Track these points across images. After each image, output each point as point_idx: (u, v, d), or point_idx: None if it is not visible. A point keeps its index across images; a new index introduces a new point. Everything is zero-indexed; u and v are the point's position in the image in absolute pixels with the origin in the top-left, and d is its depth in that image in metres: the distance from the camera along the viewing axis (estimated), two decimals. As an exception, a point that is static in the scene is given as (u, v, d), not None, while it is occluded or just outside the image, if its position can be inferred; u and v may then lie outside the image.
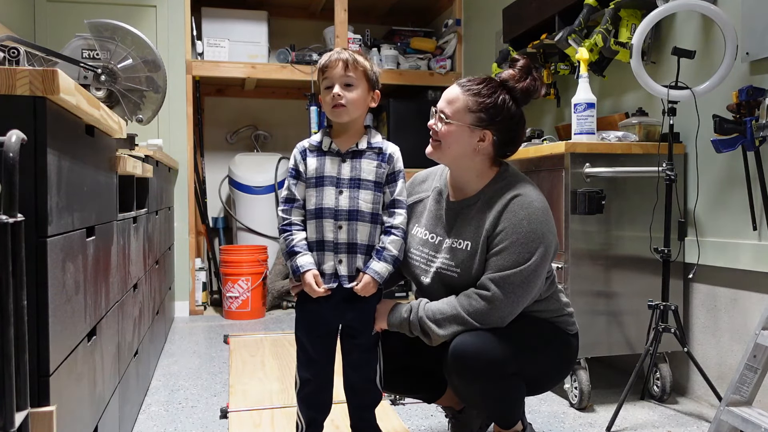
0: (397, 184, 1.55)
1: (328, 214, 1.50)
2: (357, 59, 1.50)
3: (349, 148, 1.53)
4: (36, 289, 1.04)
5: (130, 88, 2.00)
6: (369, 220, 1.51)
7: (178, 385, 2.46)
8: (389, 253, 1.52)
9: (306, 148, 1.56)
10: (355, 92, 1.50)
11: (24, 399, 0.90)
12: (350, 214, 1.50)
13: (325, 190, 1.50)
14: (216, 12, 4.06)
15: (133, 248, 2.02)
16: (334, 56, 1.50)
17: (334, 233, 1.49)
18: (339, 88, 1.48)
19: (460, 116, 1.50)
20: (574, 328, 1.62)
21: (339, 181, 1.51)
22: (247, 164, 4.18)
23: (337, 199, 1.50)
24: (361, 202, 1.50)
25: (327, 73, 1.50)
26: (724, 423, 1.70)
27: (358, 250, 1.51)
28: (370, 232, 1.52)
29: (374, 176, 1.52)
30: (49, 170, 1.06)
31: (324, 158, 1.52)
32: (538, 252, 1.44)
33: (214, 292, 4.22)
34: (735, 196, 2.09)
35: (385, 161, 1.54)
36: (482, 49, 3.88)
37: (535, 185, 1.55)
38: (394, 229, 1.54)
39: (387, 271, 1.52)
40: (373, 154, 1.54)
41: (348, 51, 1.52)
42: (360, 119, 1.55)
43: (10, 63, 1.45)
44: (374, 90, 1.55)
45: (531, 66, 1.54)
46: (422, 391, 1.78)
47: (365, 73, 1.52)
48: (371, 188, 1.52)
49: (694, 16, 2.25)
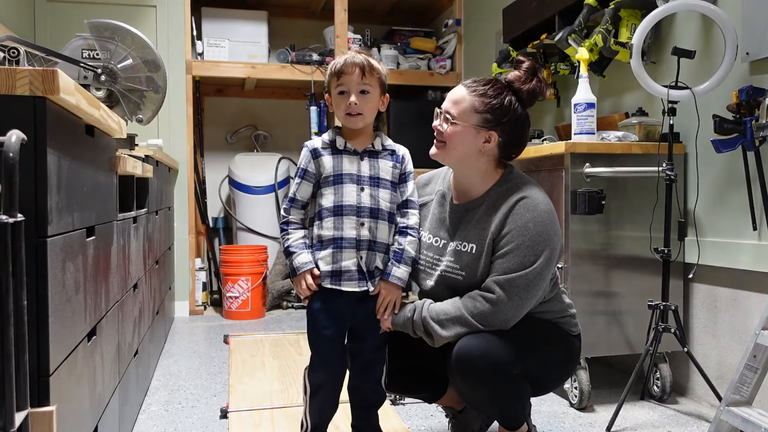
0: (408, 184, 1.57)
1: (349, 211, 1.49)
2: (373, 65, 1.49)
3: (366, 148, 1.53)
4: (36, 289, 1.04)
5: (130, 88, 2.00)
6: (388, 219, 1.53)
7: (178, 385, 2.46)
8: (408, 255, 1.54)
9: (318, 147, 1.53)
10: (371, 100, 1.50)
11: (24, 399, 0.90)
12: (372, 211, 1.50)
13: (345, 187, 1.50)
14: (216, 12, 4.06)
15: (133, 248, 2.02)
16: (350, 61, 1.47)
17: (356, 230, 1.49)
18: (355, 96, 1.47)
19: (466, 117, 1.50)
20: (577, 329, 1.62)
21: (360, 179, 1.51)
22: (247, 164, 4.18)
23: (359, 195, 1.50)
24: (381, 200, 1.51)
25: (342, 79, 1.48)
26: (724, 423, 1.70)
27: (377, 248, 1.51)
28: (389, 231, 1.53)
29: (391, 176, 1.54)
30: (49, 170, 1.06)
31: (341, 156, 1.52)
32: (544, 255, 1.44)
33: (214, 292, 4.22)
34: (735, 196, 2.09)
35: (399, 162, 1.56)
36: (482, 49, 3.88)
37: (540, 187, 1.55)
38: (410, 229, 1.55)
39: (407, 274, 1.54)
40: (388, 155, 1.55)
41: (363, 55, 1.49)
42: (371, 123, 1.55)
43: (10, 63, 1.46)
44: (384, 94, 1.55)
45: (536, 68, 1.54)
46: (423, 391, 1.78)
47: (380, 79, 1.51)
48: (389, 187, 1.53)
49: (694, 16, 2.25)
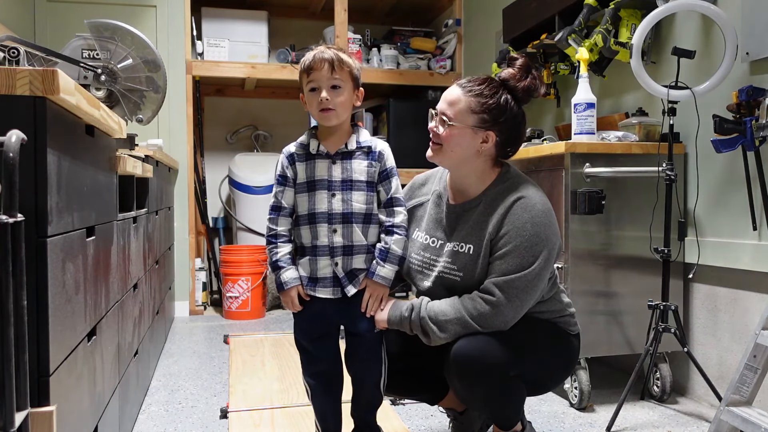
0: (392, 181, 1.52)
1: (321, 219, 1.47)
2: (342, 59, 1.45)
3: (339, 149, 1.49)
4: (36, 289, 1.04)
5: (130, 88, 2.00)
6: (362, 221, 1.49)
7: (178, 385, 2.46)
8: (394, 254, 1.50)
9: (293, 152, 1.51)
10: (342, 95, 1.45)
11: (24, 399, 0.90)
12: (344, 217, 1.47)
13: (317, 195, 1.47)
14: (216, 12, 4.06)
15: (133, 248, 2.02)
16: (319, 56, 1.44)
17: (328, 237, 1.47)
18: (326, 91, 1.44)
19: (462, 118, 1.48)
20: (576, 329, 1.62)
21: (331, 184, 1.47)
22: (247, 164, 4.18)
23: (330, 202, 1.47)
24: (354, 204, 1.48)
25: (312, 75, 1.44)
26: (724, 423, 1.70)
27: (354, 251, 1.49)
28: (365, 232, 1.50)
29: (366, 176, 1.49)
30: (49, 170, 1.06)
31: (314, 162, 1.49)
32: (542, 255, 1.44)
33: (214, 292, 4.22)
34: (735, 196, 2.09)
35: (375, 159, 1.51)
36: (482, 49, 3.88)
37: (537, 186, 1.54)
38: (396, 227, 1.51)
39: (393, 272, 1.51)
40: (363, 154, 1.50)
41: (332, 50, 1.45)
42: (347, 120, 1.51)
43: (10, 63, 1.46)
44: (358, 88, 1.51)
45: (530, 64, 1.53)
46: (424, 392, 1.77)
47: (351, 73, 1.47)
48: (364, 189, 1.49)
49: (694, 16, 2.25)
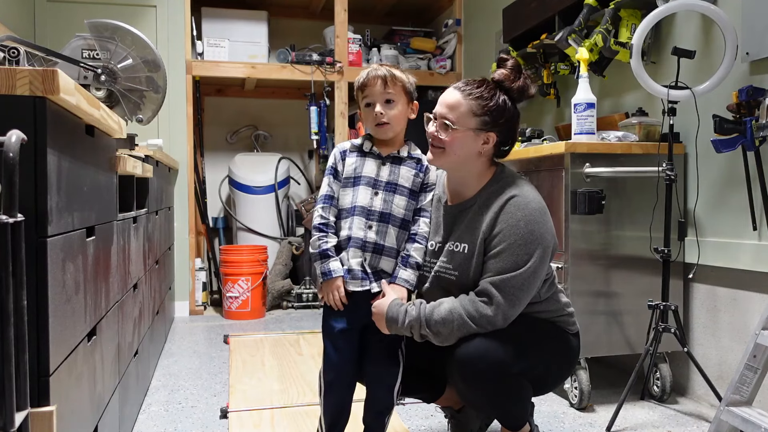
0: (428, 195, 1.60)
1: (360, 212, 1.53)
2: (395, 74, 1.53)
3: (390, 153, 1.57)
4: (36, 289, 1.04)
5: (130, 88, 2.00)
6: (399, 225, 1.55)
7: (178, 385, 2.46)
8: (414, 260, 1.57)
9: (346, 148, 1.60)
10: (396, 108, 1.54)
11: (24, 399, 0.90)
12: (382, 216, 1.53)
13: (360, 189, 1.54)
14: (216, 12, 4.06)
15: (133, 248, 2.02)
16: (372, 73, 1.53)
17: (363, 231, 1.52)
18: (380, 106, 1.52)
19: (464, 121, 1.50)
20: (575, 328, 1.62)
21: (377, 183, 1.55)
22: (247, 164, 4.18)
23: (372, 199, 1.54)
24: (394, 206, 1.54)
25: (366, 91, 1.54)
26: (724, 423, 1.70)
27: (384, 251, 1.54)
28: (399, 237, 1.56)
29: (410, 184, 1.57)
30: (49, 170, 1.06)
31: (364, 159, 1.57)
32: (537, 253, 1.44)
33: (214, 292, 4.22)
34: (735, 196, 2.09)
35: (422, 171, 1.59)
36: (482, 49, 3.88)
37: (531, 185, 1.55)
38: (418, 236, 1.58)
39: (414, 276, 1.57)
40: (413, 162, 1.59)
41: (385, 67, 1.55)
42: (402, 132, 1.59)
43: (10, 63, 1.45)
44: (413, 101, 1.59)
45: (520, 65, 1.57)
46: (421, 391, 1.77)
47: (404, 87, 1.55)
48: (406, 195, 1.56)
49: (694, 16, 2.25)
